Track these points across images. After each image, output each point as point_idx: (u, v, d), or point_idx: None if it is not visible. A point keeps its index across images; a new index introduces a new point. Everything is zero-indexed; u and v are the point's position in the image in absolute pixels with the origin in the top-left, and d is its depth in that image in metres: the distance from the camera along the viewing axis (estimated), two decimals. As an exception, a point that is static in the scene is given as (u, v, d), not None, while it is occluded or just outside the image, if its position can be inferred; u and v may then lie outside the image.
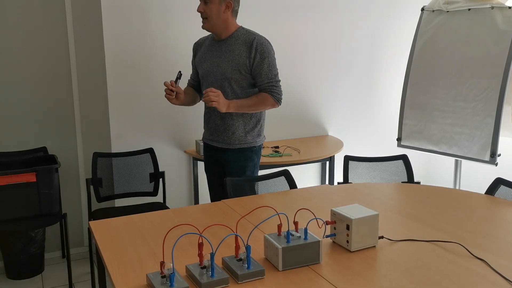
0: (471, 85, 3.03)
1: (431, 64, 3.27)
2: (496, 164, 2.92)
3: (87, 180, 2.90)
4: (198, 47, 2.61)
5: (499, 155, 2.94)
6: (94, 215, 2.84)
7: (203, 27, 2.43)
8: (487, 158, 2.94)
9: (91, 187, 2.89)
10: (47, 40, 3.09)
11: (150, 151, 3.10)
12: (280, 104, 2.51)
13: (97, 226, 1.83)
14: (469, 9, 3.09)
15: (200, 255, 1.36)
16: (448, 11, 3.20)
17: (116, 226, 1.82)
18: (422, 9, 3.37)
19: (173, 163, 3.36)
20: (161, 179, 3.07)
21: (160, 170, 3.14)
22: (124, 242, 1.67)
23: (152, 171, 3.08)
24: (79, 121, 3.26)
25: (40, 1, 3.03)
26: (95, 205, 3.04)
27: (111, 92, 3.10)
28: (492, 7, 2.97)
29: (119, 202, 3.16)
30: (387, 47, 3.97)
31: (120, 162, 3.04)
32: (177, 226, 1.44)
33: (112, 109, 3.12)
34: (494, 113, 2.90)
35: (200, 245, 1.35)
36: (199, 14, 2.41)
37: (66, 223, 2.84)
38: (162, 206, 2.97)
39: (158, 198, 3.14)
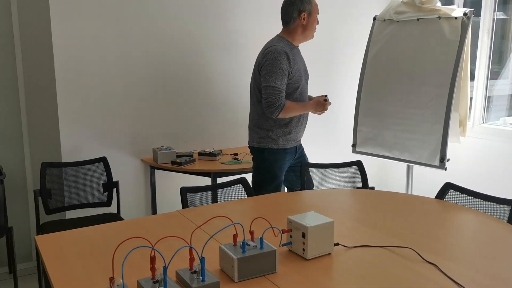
0: (421, 93, 3.14)
1: (383, 72, 3.36)
2: (446, 169, 3.02)
3: (34, 191, 2.77)
4: (290, 56, 2.63)
5: (448, 160, 3.05)
6: (43, 228, 2.72)
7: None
8: (436, 163, 3.04)
9: (40, 199, 2.76)
10: (-9, 45, 2.94)
11: (103, 160, 3.01)
12: None
13: (43, 240, 1.74)
14: (418, 19, 3.20)
15: (153, 269, 1.32)
16: (398, 21, 3.31)
17: (65, 240, 1.74)
18: (374, 19, 3.46)
19: (129, 172, 3.27)
20: (115, 189, 2.98)
21: (115, 179, 3.05)
22: (72, 257, 1.59)
23: (106, 180, 2.99)
24: (27, 130, 3.11)
25: (-17, 4, 2.88)
26: (45, 218, 2.90)
27: (61, 99, 2.98)
28: (440, 18, 3.09)
29: (71, 214, 3.04)
30: (344, 55, 4.04)
31: (71, 172, 2.93)
32: (128, 239, 1.39)
33: (62, 117, 3.00)
34: (442, 120, 3.01)
35: (153, 259, 1.31)
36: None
37: (12, 237, 2.70)
38: (116, 217, 2.88)
39: (112, 209, 3.04)
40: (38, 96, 3.09)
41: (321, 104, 2.73)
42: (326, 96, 2.76)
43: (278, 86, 2.57)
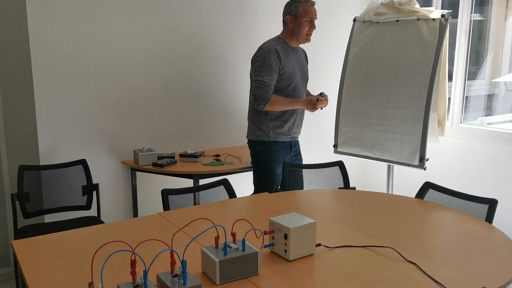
0: (401, 93, 3.17)
1: (364, 73, 3.39)
2: (425, 169, 3.06)
3: (12, 195, 2.71)
4: (281, 54, 2.77)
5: (427, 159, 3.10)
6: (21, 233, 2.66)
7: (303, 43, 2.92)
8: (416, 162, 3.08)
9: (17, 202, 2.70)
10: (-34, 45, 2.87)
11: (83, 162, 2.96)
12: None
13: (21, 245, 1.70)
14: (397, 21, 3.24)
15: (133, 273, 1.30)
16: (378, 22, 3.34)
17: (43, 245, 1.70)
18: (354, 20, 3.49)
19: (109, 174, 3.22)
20: (94, 192, 2.94)
21: (95, 182, 3.00)
22: (51, 262, 1.56)
23: (85, 183, 2.94)
24: (3, 132, 3.04)
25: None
26: (23, 222, 2.84)
27: (38, 100, 2.92)
28: (418, 19, 3.14)
29: (49, 218, 2.98)
30: (325, 56, 4.07)
31: (49, 175, 2.87)
32: (107, 243, 1.37)
33: (40, 118, 2.94)
34: (422, 120, 3.05)
35: (133, 263, 1.29)
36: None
37: (-12, 242, 2.63)
38: (96, 220, 2.84)
39: (92, 212, 3.00)
40: (15, 97, 3.03)
41: (312, 103, 2.81)
42: (321, 94, 2.85)
43: (265, 80, 2.72)
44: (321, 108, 2.90)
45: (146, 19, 3.20)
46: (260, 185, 2.88)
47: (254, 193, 2.96)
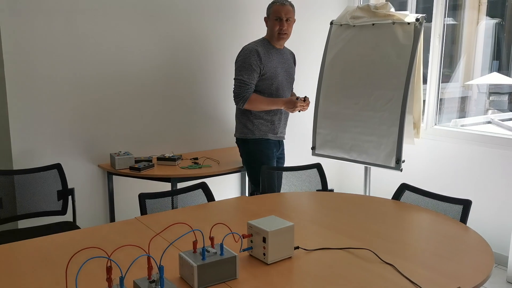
0: (378, 96, 3.22)
1: (341, 75, 3.42)
2: (401, 170, 3.11)
3: (-16, 201, 2.63)
4: (262, 54, 2.87)
5: (403, 161, 3.14)
6: (-7, 240, 2.59)
7: (282, 43, 3.01)
8: (392, 164, 3.12)
9: (-11, 208, 2.63)
10: None
11: (58, 166, 2.90)
12: None
13: (-7, 253, 1.65)
14: (373, 24, 3.28)
15: (109, 280, 1.28)
16: (354, 26, 3.38)
17: (17, 251, 1.66)
18: (331, 23, 3.52)
19: (85, 178, 3.17)
20: (70, 197, 2.88)
21: (71, 186, 2.94)
22: (24, 270, 1.52)
23: (60, 188, 2.88)
24: (-26, 136, 2.96)
25: None
26: (-5, 228, 2.77)
27: (11, 102, 2.85)
28: (393, 23, 3.19)
29: (24, 223, 2.91)
30: (304, 58, 4.09)
31: (23, 179, 2.80)
32: (83, 249, 1.34)
33: (13, 121, 2.88)
34: (398, 122, 3.10)
35: (109, 269, 1.27)
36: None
37: (-41, 250, 2.55)
38: (72, 225, 2.78)
39: (68, 217, 2.94)
40: (-14, 100, 2.95)
41: (292, 102, 2.89)
42: (304, 97, 2.93)
43: (245, 79, 2.84)
44: (299, 111, 2.93)
45: (124, 21, 3.17)
46: (259, 183, 2.91)
47: (253, 191, 3.02)
